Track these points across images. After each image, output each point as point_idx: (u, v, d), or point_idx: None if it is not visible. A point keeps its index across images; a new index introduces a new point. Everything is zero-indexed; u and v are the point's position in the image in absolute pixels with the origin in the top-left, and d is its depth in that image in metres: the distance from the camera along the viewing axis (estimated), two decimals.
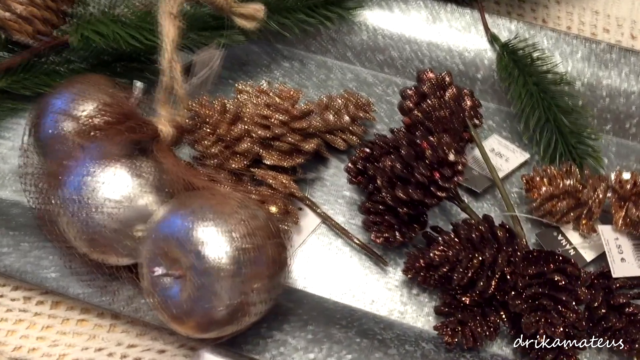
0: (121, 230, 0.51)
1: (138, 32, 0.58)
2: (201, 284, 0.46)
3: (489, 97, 0.71)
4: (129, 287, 0.56)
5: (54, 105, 0.56)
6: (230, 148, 0.58)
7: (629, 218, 0.58)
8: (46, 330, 0.61)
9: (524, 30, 0.69)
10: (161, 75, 0.51)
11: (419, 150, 0.52)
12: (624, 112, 0.68)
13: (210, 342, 0.51)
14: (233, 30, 0.62)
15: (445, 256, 0.54)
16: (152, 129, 0.51)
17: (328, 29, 0.71)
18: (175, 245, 0.46)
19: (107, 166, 0.51)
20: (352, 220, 0.64)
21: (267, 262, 0.47)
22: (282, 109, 0.57)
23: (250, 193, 0.54)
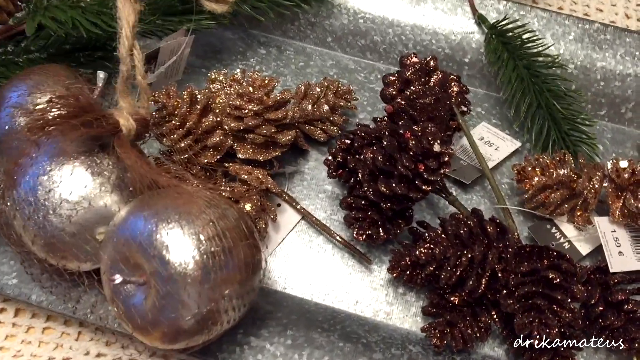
0: (81, 234, 0.47)
1: (98, 18, 0.54)
2: (166, 292, 0.42)
3: (477, 83, 0.67)
4: (93, 294, 0.53)
5: (9, 98, 0.52)
6: (201, 142, 0.54)
7: (627, 209, 0.54)
8: (9, 340, 0.57)
9: (513, 11, 0.65)
10: (121, 65, 0.47)
11: (401, 140, 0.48)
12: (619, 96, 0.65)
13: (181, 352, 0.47)
14: (202, 15, 0.57)
15: (431, 254, 0.50)
16: (112, 123, 0.46)
17: (306, 13, 0.67)
18: (137, 249, 0.43)
19: (64, 164, 0.47)
20: (334, 216, 0.60)
21: (239, 265, 0.44)
22: (255, 99, 0.53)
23: (221, 191, 0.50)
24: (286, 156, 0.62)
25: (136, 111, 0.49)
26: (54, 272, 0.50)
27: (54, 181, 0.46)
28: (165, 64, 0.56)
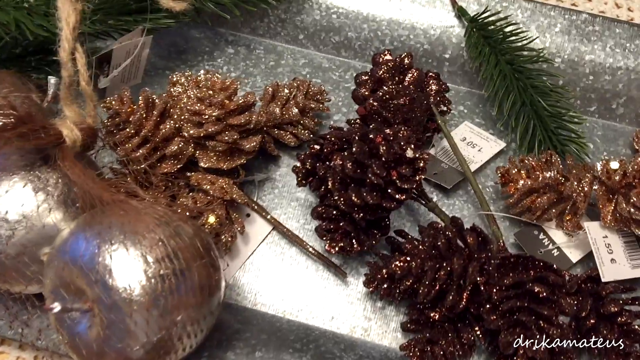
0: (23, 256, 0.43)
1: (45, 20, 0.50)
2: (111, 321, 0.38)
3: (458, 80, 0.63)
4: (45, 317, 0.49)
5: None
6: (159, 150, 0.50)
7: (619, 213, 0.50)
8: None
9: (495, 2, 0.61)
10: (62, 70, 0.43)
11: (372, 146, 0.45)
12: (610, 91, 0.61)
13: None
14: (159, 14, 0.53)
15: (408, 268, 0.46)
16: (55, 134, 0.43)
17: (276, 9, 0.63)
18: (79, 274, 0.39)
19: (4, 180, 0.43)
20: (308, 226, 0.57)
21: (193, 288, 0.40)
22: (215, 103, 0.49)
23: (180, 204, 0.46)
24: (255, 163, 0.58)
25: (82, 120, 0.45)
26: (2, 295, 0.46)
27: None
28: (119, 66, 0.52)
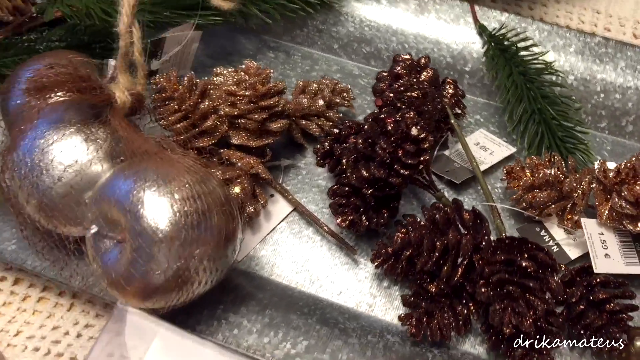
0: (70, 196, 0.49)
1: (111, 7, 0.58)
2: (138, 245, 0.44)
3: (477, 92, 0.68)
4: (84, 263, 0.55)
5: (22, 76, 0.56)
6: (197, 126, 0.57)
7: (615, 211, 0.54)
8: (6, 307, 0.60)
9: (515, 23, 0.67)
10: (120, 41, 0.50)
11: (382, 125, 0.50)
12: (619, 109, 0.65)
13: (157, 313, 0.48)
14: (208, 11, 0.61)
15: (407, 239, 0.51)
16: (108, 95, 0.50)
17: (314, 19, 0.70)
18: (115, 205, 0.45)
19: (60, 130, 0.50)
20: (325, 210, 0.62)
21: (212, 228, 0.45)
22: (249, 86, 0.55)
23: (208, 166, 0.52)
24: (283, 151, 0.64)
25: (132, 86, 0.52)
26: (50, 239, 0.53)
27: (49, 144, 0.49)
28: (170, 52, 0.59)
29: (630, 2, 0.74)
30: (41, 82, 0.47)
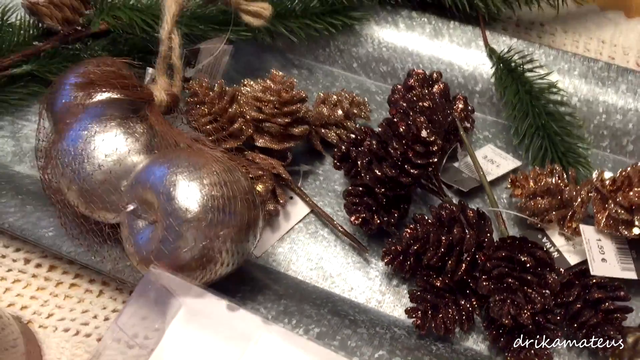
0: (109, 183, 0.54)
1: (152, 19, 0.64)
2: (169, 225, 0.48)
3: (487, 110, 0.72)
4: (116, 251, 0.59)
5: (70, 77, 0.62)
6: (225, 129, 0.62)
7: (612, 218, 0.57)
8: (40, 291, 0.64)
9: (523, 47, 0.71)
10: (160, 45, 0.56)
11: (394, 128, 0.54)
12: (620, 129, 0.69)
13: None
14: (240, 27, 0.67)
15: (415, 234, 0.54)
16: (147, 93, 0.55)
17: (336, 40, 0.76)
18: (150, 188, 0.50)
19: (103, 123, 0.55)
20: (340, 212, 0.66)
21: (235, 212, 0.50)
22: (273, 92, 0.60)
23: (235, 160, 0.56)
24: (303, 158, 0.69)
25: (169, 88, 0.57)
26: (85, 226, 0.57)
27: (92, 135, 0.54)
28: (203, 62, 0.64)
29: (634, 32, 0.78)
30: (89, 77, 0.52)
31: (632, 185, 0.55)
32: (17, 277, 0.65)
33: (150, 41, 0.68)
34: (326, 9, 0.71)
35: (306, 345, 0.41)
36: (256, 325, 0.41)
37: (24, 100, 0.72)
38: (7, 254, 0.66)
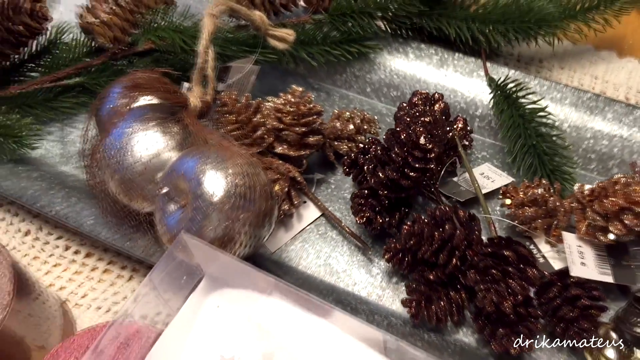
0: (146, 174, 0.62)
1: (190, 39, 0.73)
2: (197, 206, 0.56)
3: (485, 133, 0.80)
4: (149, 236, 0.67)
5: (117, 86, 0.71)
6: (249, 136, 0.70)
7: (590, 225, 0.64)
8: (76, 274, 0.72)
9: (520, 77, 0.79)
10: (197, 58, 0.64)
11: (397, 136, 0.62)
12: (606, 153, 0.75)
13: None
14: (267, 50, 0.76)
15: (412, 231, 0.61)
16: (183, 99, 0.64)
17: (352, 67, 0.84)
18: (182, 177, 0.58)
19: (145, 123, 0.63)
20: (348, 217, 0.73)
21: (254, 200, 0.57)
22: (292, 104, 0.69)
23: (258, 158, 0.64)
24: (317, 168, 0.77)
25: (203, 96, 0.66)
26: (123, 213, 0.65)
27: (135, 132, 0.63)
28: (233, 78, 0.73)
29: (624, 70, 0.86)
30: (137, 81, 0.61)
31: (608, 195, 0.62)
32: (57, 262, 0.73)
33: (186, 62, 0.77)
34: (344, 38, 0.80)
35: (312, 302, 0.47)
36: (269, 283, 0.48)
37: (73, 109, 0.82)
38: (50, 241, 0.74)
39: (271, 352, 0.46)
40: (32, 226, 0.75)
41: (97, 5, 0.76)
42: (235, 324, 0.49)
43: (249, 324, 0.47)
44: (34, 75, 0.82)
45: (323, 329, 0.45)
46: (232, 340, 0.47)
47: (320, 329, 0.45)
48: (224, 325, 0.49)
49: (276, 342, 0.45)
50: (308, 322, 0.45)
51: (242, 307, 0.49)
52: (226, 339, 0.48)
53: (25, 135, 0.75)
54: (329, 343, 0.44)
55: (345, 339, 0.44)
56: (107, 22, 0.76)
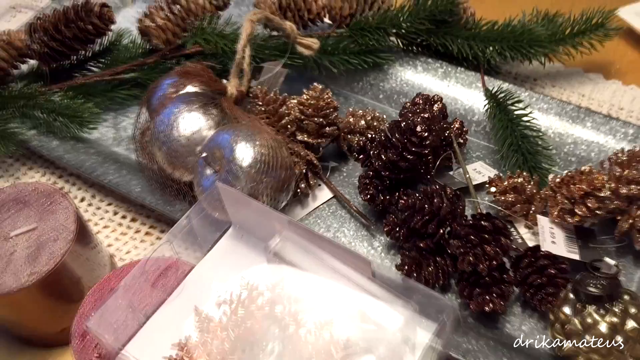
0: (188, 147, 0.75)
1: (231, 43, 0.87)
2: (229, 169, 0.68)
3: (480, 136, 0.92)
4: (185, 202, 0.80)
5: (165, 79, 0.85)
6: (275, 125, 0.83)
7: (560, 209, 0.74)
8: (122, 235, 0.85)
9: (513, 89, 0.91)
10: (236, 55, 0.78)
11: (397, 125, 0.74)
12: (584, 157, 0.86)
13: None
14: (295, 55, 0.89)
15: (407, 203, 0.73)
16: (222, 86, 0.77)
17: (367, 76, 0.97)
18: (218, 146, 0.70)
19: (189, 105, 0.77)
20: (356, 200, 0.85)
21: (276, 168, 0.70)
22: (312, 98, 0.81)
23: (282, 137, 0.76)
24: (332, 157, 0.89)
25: (239, 86, 0.79)
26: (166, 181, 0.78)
27: (180, 112, 0.76)
28: (264, 77, 0.86)
29: (608, 90, 0.97)
30: (187, 69, 0.75)
31: (575, 182, 0.73)
32: (107, 224, 0.86)
33: (226, 64, 0.91)
34: (361, 50, 0.93)
35: (314, 234, 0.58)
36: (283, 221, 0.59)
37: (126, 100, 0.96)
38: (102, 206, 0.87)
39: (281, 278, 0.58)
40: (87, 194, 0.89)
41: (155, 12, 0.91)
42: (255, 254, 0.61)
43: (266, 254, 0.59)
44: (95, 70, 0.96)
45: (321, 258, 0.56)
46: (250, 267, 0.59)
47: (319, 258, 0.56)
48: (245, 255, 0.61)
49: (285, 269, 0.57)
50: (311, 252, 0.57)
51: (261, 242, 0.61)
52: (246, 265, 0.60)
53: (87, 117, 0.89)
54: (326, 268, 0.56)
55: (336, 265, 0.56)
56: (162, 26, 0.90)
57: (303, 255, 0.57)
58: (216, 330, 0.55)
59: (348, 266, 0.56)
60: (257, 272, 0.59)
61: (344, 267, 0.55)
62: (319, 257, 0.56)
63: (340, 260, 0.56)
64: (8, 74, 0.94)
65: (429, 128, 0.75)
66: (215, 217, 0.65)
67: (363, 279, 0.55)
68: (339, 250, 0.56)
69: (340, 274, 0.56)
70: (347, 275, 0.55)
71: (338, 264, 0.56)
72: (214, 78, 0.77)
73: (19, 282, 0.65)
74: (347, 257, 0.56)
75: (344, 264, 0.55)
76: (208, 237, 0.66)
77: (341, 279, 0.56)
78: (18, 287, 0.65)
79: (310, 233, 0.57)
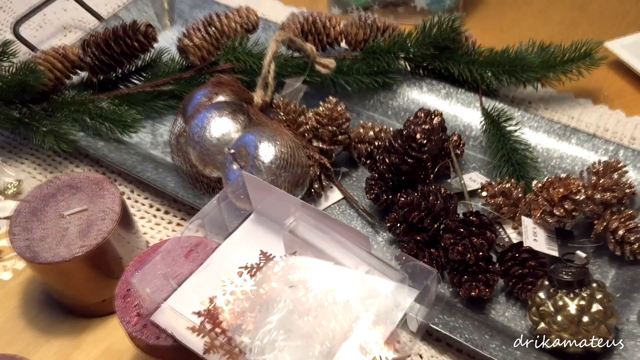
0: (218, 147, 0.87)
1: (259, 62, 0.99)
2: (252, 164, 0.80)
3: (477, 150, 1.02)
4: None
5: (200, 90, 0.97)
6: (294, 133, 0.94)
7: (541, 212, 0.84)
8: (156, 225, 0.96)
9: (506, 109, 1.02)
10: (262, 69, 0.90)
11: (400, 133, 0.86)
12: (569, 170, 0.96)
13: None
14: (314, 72, 1.01)
15: (406, 201, 0.84)
16: (249, 96, 0.89)
17: (378, 94, 1.09)
18: (244, 145, 0.82)
19: (220, 111, 0.89)
20: (363, 202, 0.96)
21: (293, 166, 0.81)
22: (327, 109, 0.93)
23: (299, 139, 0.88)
24: (343, 163, 1.00)
25: (264, 96, 0.91)
26: (198, 177, 0.90)
27: (212, 117, 0.88)
28: (285, 92, 0.98)
29: (596, 114, 1.07)
30: (220, 79, 0.87)
31: (554, 187, 0.83)
32: (143, 215, 0.97)
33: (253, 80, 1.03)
34: (373, 70, 1.05)
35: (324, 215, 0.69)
36: (297, 204, 0.70)
37: (164, 110, 1.08)
38: (139, 199, 0.99)
39: (294, 251, 0.69)
40: (126, 189, 1.01)
41: (193, 32, 1.04)
42: (273, 234, 0.71)
43: (283, 232, 0.70)
44: (137, 82, 1.09)
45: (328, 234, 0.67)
46: (270, 243, 0.70)
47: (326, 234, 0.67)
48: (264, 235, 0.72)
49: (298, 243, 0.68)
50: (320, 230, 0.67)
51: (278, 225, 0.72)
52: (264, 242, 0.71)
53: (129, 123, 1.01)
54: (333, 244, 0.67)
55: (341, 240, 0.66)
56: (198, 45, 1.03)
57: (313, 232, 0.68)
58: (237, 292, 0.66)
59: (350, 241, 0.66)
60: (273, 245, 0.70)
61: (347, 241, 0.66)
62: (326, 234, 0.67)
63: (344, 236, 0.66)
64: (62, 83, 1.07)
65: (428, 137, 0.86)
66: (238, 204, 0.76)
67: (362, 252, 0.66)
68: (343, 228, 0.66)
69: (344, 248, 0.66)
70: (350, 249, 0.66)
71: (342, 239, 0.66)
72: (242, 88, 0.89)
73: (71, 253, 0.77)
74: (349, 233, 0.66)
75: (347, 239, 0.66)
76: (233, 221, 0.77)
77: (344, 251, 0.66)
78: (70, 257, 0.76)
79: (320, 214, 0.68)
